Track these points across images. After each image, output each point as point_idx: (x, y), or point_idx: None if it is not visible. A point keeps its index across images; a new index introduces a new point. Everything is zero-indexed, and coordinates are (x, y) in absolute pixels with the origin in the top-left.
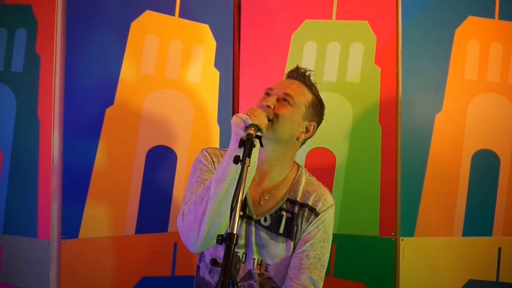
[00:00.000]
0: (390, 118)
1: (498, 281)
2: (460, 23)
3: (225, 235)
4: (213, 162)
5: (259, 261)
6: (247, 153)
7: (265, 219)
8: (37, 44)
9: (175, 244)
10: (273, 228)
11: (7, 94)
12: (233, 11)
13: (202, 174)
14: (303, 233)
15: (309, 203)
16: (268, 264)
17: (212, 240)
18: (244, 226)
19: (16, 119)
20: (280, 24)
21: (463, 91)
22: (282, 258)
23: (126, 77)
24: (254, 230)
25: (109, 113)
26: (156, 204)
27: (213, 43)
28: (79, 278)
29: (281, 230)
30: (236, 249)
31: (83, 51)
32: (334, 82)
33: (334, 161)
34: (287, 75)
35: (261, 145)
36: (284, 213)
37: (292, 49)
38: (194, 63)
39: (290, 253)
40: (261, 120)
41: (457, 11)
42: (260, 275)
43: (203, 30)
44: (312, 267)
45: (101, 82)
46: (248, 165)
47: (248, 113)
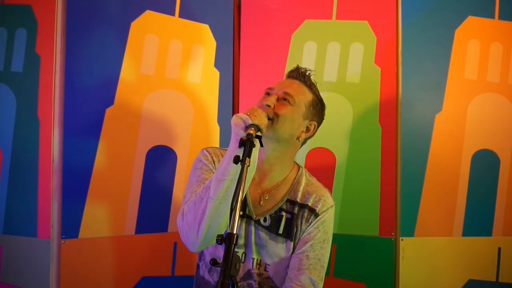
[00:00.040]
0: (390, 118)
1: (498, 281)
2: (460, 23)
3: (225, 235)
4: (214, 161)
5: (258, 260)
6: (247, 153)
7: (265, 219)
8: (37, 44)
9: (175, 244)
10: (272, 228)
11: (7, 94)
12: (233, 11)
13: (202, 174)
14: (303, 234)
15: (309, 203)
16: (267, 264)
17: (212, 239)
18: (244, 225)
19: (16, 119)
20: (280, 24)
21: (463, 91)
22: (281, 258)
23: (126, 77)
24: (254, 230)
25: (109, 113)
26: (156, 204)
27: (213, 43)
28: (79, 278)
29: (281, 231)
30: (236, 249)
31: (83, 51)
32: (334, 82)
33: (334, 161)
34: (288, 75)
35: (261, 145)
36: (284, 213)
37: (292, 49)
38: (194, 63)
39: (290, 253)
40: (261, 120)
41: (457, 11)
42: (259, 275)
43: (203, 30)
44: (311, 267)
45: (101, 82)
46: (248, 165)
47: (248, 113)
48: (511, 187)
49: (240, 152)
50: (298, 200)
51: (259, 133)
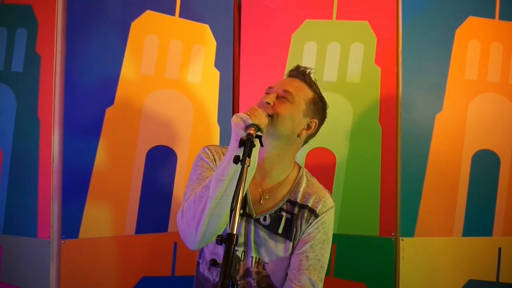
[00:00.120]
0: (390, 118)
1: (498, 281)
2: (461, 23)
3: (225, 235)
4: (215, 159)
5: (257, 259)
6: (247, 153)
7: (265, 218)
8: (37, 44)
9: (175, 244)
10: (272, 227)
11: (7, 94)
12: (233, 11)
13: (203, 172)
14: (303, 234)
15: (309, 204)
16: (265, 262)
17: (210, 238)
18: (244, 224)
19: (16, 119)
20: (280, 24)
21: (463, 91)
22: (279, 258)
23: (126, 77)
24: (253, 228)
25: (109, 113)
26: (156, 204)
27: (213, 43)
28: (79, 278)
29: (280, 230)
30: (236, 247)
31: (83, 51)
32: (334, 82)
33: (334, 161)
34: (288, 74)
35: (261, 145)
36: (284, 213)
37: (292, 49)
38: (194, 63)
39: (288, 253)
40: (261, 120)
41: (457, 11)
42: (258, 273)
43: (203, 30)
44: (311, 268)
45: (101, 82)
46: (248, 165)
47: (248, 113)
48: (511, 187)
49: (240, 152)
50: (298, 201)
51: (259, 133)
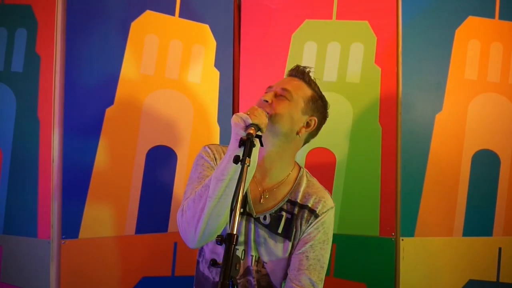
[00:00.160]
0: (390, 118)
1: (499, 282)
2: (460, 23)
3: (225, 235)
4: (215, 158)
5: (257, 258)
6: (247, 153)
7: (265, 218)
8: (37, 44)
9: (175, 244)
10: (272, 227)
11: (7, 94)
12: (233, 11)
13: (203, 170)
14: (303, 234)
15: (309, 204)
16: (264, 261)
17: (210, 237)
18: (244, 223)
19: (16, 119)
20: (280, 24)
21: (463, 91)
22: (278, 257)
23: (126, 77)
24: (253, 227)
25: (109, 113)
26: (156, 204)
27: (213, 43)
28: (79, 278)
29: (280, 230)
30: (236, 246)
31: (83, 51)
32: (334, 82)
33: (334, 161)
34: (288, 74)
35: (261, 145)
36: (284, 213)
37: (292, 49)
38: (194, 63)
39: (287, 253)
40: (261, 119)
41: (457, 11)
42: (258, 272)
43: (203, 30)
44: (311, 268)
45: (101, 82)
46: (248, 165)
47: (248, 113)
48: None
49: (240, 152)
50: (299, 201)
51: (259, 133)
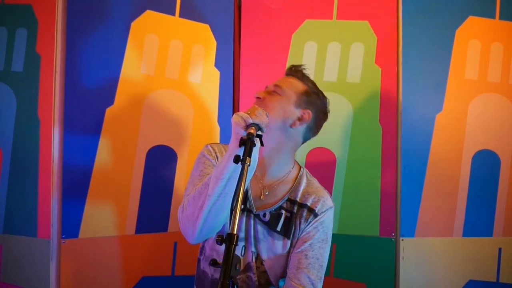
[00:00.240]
0: (390, 118)
1: (498, 282)
2: (461, 23)
3: (225, 235)
4: (217, 157)
5: (256, 254)
6: (248, 153)
7: (264, 215)
8: (37, 43)
9: (175, 244)
10: (271, 224)
11: (7, 93)
12: (233, 11)
13: (204, 168)
14: (302, 233)
15: (308, 203)
16: (263, 259)
17: (209, 233)
18: (245, 219)
19: (16, 119)
20: (280, 24)
21: (464, 91)
22: (277, 255)
23: (126, 77)
24: (253, 223)
25: (109, 113)
26: (156, 204)
27: (213, 43)
28: (79, 278)
29: (279, 228)
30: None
31: (83, 50)
32: (335, 82)
33: (334, 161)
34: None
35: (262, 144)
36: (283, 211)
37: (292, 49)
38: (194, 63)
39: (286, 251)
40: (262, 119)
41: (458, 11)
42: (258, 268)
43: (204, 30)
44: (310, 267)
45: (101, 81)
46: (248, 165)
47: (249, 112)
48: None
49: (240, 152)
50: (298, 200)
51: (259, 132)
